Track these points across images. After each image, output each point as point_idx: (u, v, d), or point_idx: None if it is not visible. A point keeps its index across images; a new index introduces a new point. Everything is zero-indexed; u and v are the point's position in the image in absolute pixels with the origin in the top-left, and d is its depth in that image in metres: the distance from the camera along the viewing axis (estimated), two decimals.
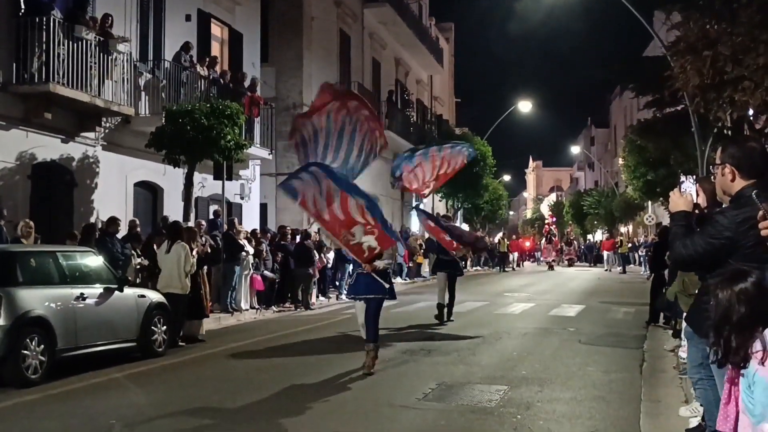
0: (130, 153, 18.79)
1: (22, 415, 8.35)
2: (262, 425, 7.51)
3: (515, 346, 12.69)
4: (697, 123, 20.63)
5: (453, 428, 7.27)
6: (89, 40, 16.33)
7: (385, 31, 37.25)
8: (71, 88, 15.83)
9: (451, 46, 56.20)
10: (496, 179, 48.33)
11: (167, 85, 19.53)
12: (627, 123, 52.67)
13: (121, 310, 11.65)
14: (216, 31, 23.46)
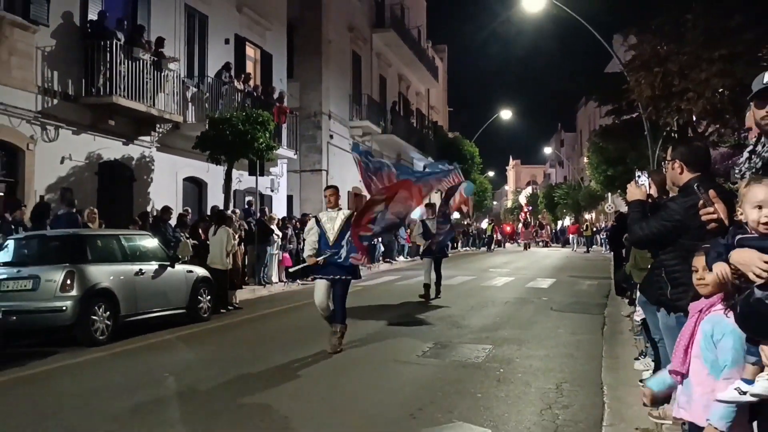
0: (180, 153, 18.78)
1: (90, 368, 8.39)
2: (287, 377, 7.52)
3: (498, 313, 12.68)
4: (649, 127, 20.60)
5: (448, 380, 7.26)
6: (145, 59, 16.32)
7: (390, 52, 37.15)
8: (131, 100, 15.82)
9: (444, 64, 56.04)
10: (482, 174, 48.18)
11: (210, 97, 19.51)
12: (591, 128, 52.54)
13: (173, 283, 11.68)
14: (250, 52, 23.41)
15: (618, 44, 24.32)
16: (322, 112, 27.80)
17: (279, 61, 25.26)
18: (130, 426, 5.68)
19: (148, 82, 16.42)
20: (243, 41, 22.58)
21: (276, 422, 5.78)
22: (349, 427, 5.59)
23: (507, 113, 48.50)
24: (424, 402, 6.31)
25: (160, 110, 16.93)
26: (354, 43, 31.82)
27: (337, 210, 9.12)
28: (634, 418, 5.68)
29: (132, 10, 17.40)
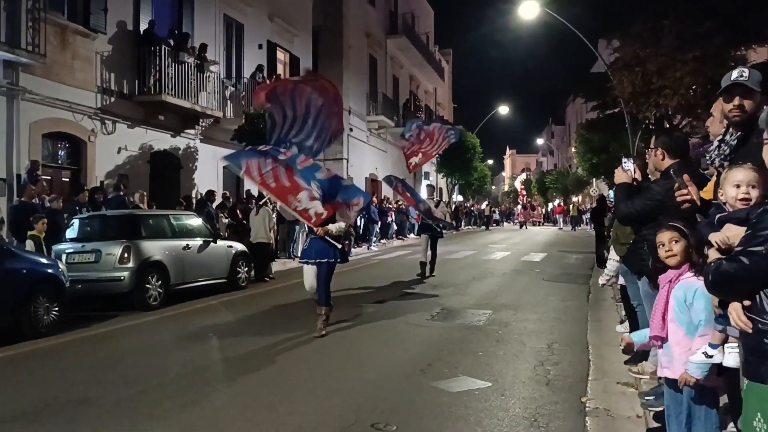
0: (220, 144, 18.76)
1: (146, 329, 8.46)
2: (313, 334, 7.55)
3: (496, 283, 12.64)
4: (629, 121, 20.38)
5: (453, 340, 7.27)
6: (190, 63, 16.29)
7: (402, 56, 36.90)
8: (177, 98, 15.82)
9: (450, 66, 55.58)
10: (483, 162, 47.85)
11: (246, 95, 19.46)
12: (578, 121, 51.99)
13: (215, 256, 11.72)
14: (280, 56, 23.32)
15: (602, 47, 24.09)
16: (343, 109, 27.70)
17: (305, 63, 25.14)
18: (181, 378, 5.73)
19: (192, 83, 16.40)
20: (274, 46, 22.49)
21: (303, 374, 5.80)
22: (367, 380, 5.61)
23: (504, 108, 48.07)
24: (433, 359, 6.32)
25: (202, 107, 16.92)
26: (371, 48, 31.63)
27: None
28: (615, 373, 5.67)
29: (178, 20, 17.37)
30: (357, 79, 29.37)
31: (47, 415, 4.68)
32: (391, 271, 14.82)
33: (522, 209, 52.58)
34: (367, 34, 30.99)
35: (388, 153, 33.84)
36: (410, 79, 39.79)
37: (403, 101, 36.05)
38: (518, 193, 78.72)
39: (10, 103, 12.24)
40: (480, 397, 5.08)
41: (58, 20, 13.33)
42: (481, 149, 42.98)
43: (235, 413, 4.74)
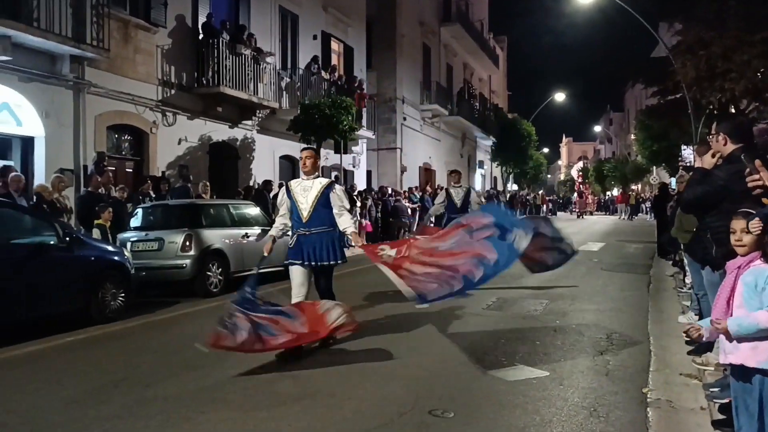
0: (276, 135, 19.08)
1: (207, 315, 8.66)
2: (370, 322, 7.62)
3: (553, 272, 12.30)
4: (692, 106, 19.77)
5: (509, 329, 7.24)
6: (246, 54, 16.57)
7: (456, 44, 36.60)
8: (235, 89, 16.12)
9: (504, 53, 54.85)
10: (538, 151, 47.17)
11: (301, 86, 19.68)
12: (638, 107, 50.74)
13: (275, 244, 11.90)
14: (334, 46, 23.47)
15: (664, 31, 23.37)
16: (397, 98, 27.71)
17: (359, 53, 25.24)
18: (242, 362, 5.88)
19: (249, 74, 16.69)
20: (328, 37, 22.64)
21: (361, 359, 5.86)
22: (424, 367, 5.64)
23: (560, 96, 47.28)
24: (489, 347, 6.32)
25: (259, 98, 17.20)
26: (424, 36, 31.48)
27: (314, 178, 6.31)
28: (678, 365, 5.55)
29: (235, 12, 17.67)
30: (410, 68, 29.31)
31: (116, 396, 4.88)
32: None
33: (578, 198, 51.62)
34: (421, 22, 30.85)
35: (441, 142, 33.72)
36: (464, 67, 39.46)
37: (456, 89, 35.80)
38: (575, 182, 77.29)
39: (77, 97, 12.72)
40: (538, 386, 5.05)
41: (121, 15, 13.74)
42: (537, 137, 42.42)
43: (295, 395, 4.85)
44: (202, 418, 4.36)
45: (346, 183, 20.70)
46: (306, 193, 6.19)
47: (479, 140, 40.99)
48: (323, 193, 6.18)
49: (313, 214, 6.14)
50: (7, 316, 6.86)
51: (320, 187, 6.21)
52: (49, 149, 12.21)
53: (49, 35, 11.53)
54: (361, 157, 25.03)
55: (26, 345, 6.60)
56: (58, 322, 7.36)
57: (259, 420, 4.34)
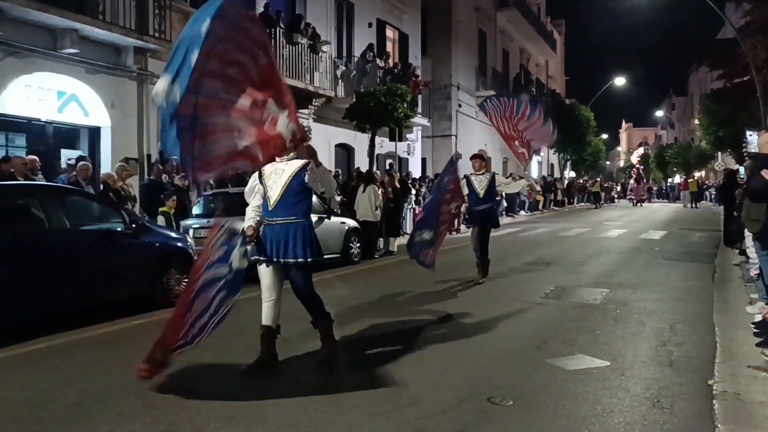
0: (332, 123, 19.21)
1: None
2: (425, 309, 7.65)
3: (613, 261, 12.25)
4: (761, 90, 18.97)
5: (568, 318, 7.15)
6: (303, 44, 16.72)
7: (512, 28, 36.06)
8: (292, 78, 16.29)
9: (562, 37, 53.75)
10: (597, 137, 46.09)
11: (356, 74, 19.76)
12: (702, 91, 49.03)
13: (330, 232, 12.02)
14: (389, 33, 23.45)
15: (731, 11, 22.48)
16: (452, 84, 27.54)
17: (414, 40, 25.15)
18: (301, 344, 5.99)
19: (305, 63, 16.85)
20: (383, 24, 22.64)
21: (419, 346, 5.90)
22: (482, 355, 5.63)
23: (620, 80, 45.90)
24: (548, 336, 6.26)
25: (315, 87, 17.35)
26: (480, 22, 31.13)
27: (288, 159, 5.23)
28: (745, 356, 5.39)
29: (291, 2, 17.83)
30: (466, 54, 29.04)
31: (182, 378, 5.03)
32: (502, 249, 14.66)
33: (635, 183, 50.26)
34: (477, 8, 30.51)
35: None
36: (521, 52, 38.88)
37: (513, 75, 35.34)
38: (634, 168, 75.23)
39: (140, 88, 13.09)
40: (598, 376, 4.98)
41: (182, 6, 14.04)
42: (595, 123, 41.49)
43: (353, 382, 4.91)
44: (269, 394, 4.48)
45: (401, 170, 20.70)
46: (277, 177, 5.16)
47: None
48: (296, 175, 5.13)
49: (280, 201, 5.11)
50: (77, 300, 7.15)
51: (294, 169, 5.16)
52: (115, 139, 12.63)
53: (114, 28, 11.89)
54: (416, 145, 25.00)
55: (97, 327, 6.87)
56: (125, 305, 7.63)
57: (318, 404, 4.42)
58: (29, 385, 4.93)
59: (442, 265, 9.50)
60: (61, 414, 4.26)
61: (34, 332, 6.45)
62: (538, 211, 31.45)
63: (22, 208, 7.04)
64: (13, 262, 6.38)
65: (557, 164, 43.78)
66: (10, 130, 11.41)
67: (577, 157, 41.70)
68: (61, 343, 6.27)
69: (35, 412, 4.30)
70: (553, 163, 45.56)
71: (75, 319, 6.94)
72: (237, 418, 4.15)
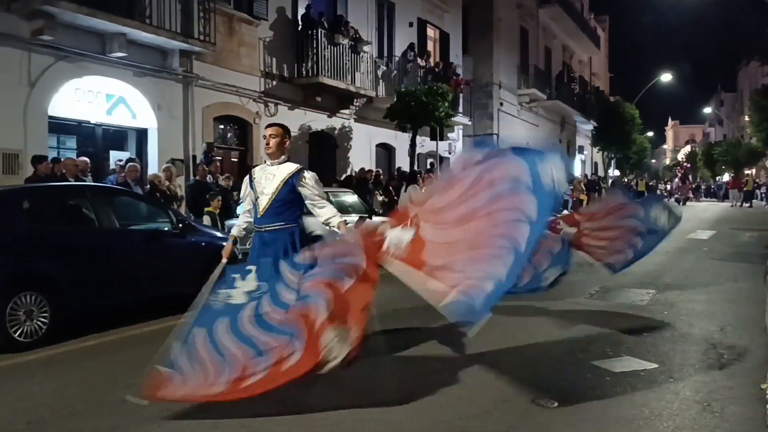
0: (373, 123, 19.28)
1: None
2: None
3: (659, 261, 11.98)
4: None
5: (614, 319, 7.03)
6: (344, 44, 16.81)
7: (555, 25, 35.61)
8: (333, 79, 16.43)
9: (606, 33, 52.83)
10: (642, 135, 45.18)
11: (397, 73, 19.78)
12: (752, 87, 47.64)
13: None
14: (430, 32, 23.40)
15: None
16: (493, 83, 27.32)
17: (455, 39, 25.05)
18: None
19: (346, 64, 16.94)
20: (424, 23, 22.60)
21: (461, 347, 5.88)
22: (525, 356, 5.60)
23: (667, 76, 44.81)
24: (593, 337, 6.17)
25: (356, 87, 17.43)
26: (522, 19, 30.83)
27: (279, 163, 5.05)
28: None
29: (333, 3, 17.94)
30: (507, 52, 28.79)
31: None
32: None
33: (680, 182, 49.07)
34: (518, 5, 30.21)
35: (539, 127, 32.98)
36: (563, 49, 38.38)
37: (555, 73, 34.89)
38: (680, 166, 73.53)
39: (186, 90, 13.35)
40: (646, 379, 4.90)
41: (226, 10, 14.27)
42: (640, 120, 40.70)
43: (396, 382, 4.93)
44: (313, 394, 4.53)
45: (442, 170, 20.63)
46: (267, 182, 4.96)
47: (579, 125, 39.77)
48: (287, 182, 4.92)
49: (270, 208, 4.92)
50: (126, 298, 7.33)
51: (285, 175, 4.95)
52: (161, 140, 12.91)
53: (160, 31, 12.15)
54: (457, 144, 24.88)
55: (144, 325, 7.04)
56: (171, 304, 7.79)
57: (362, 403, 4.44)
58: (83, 380, 5.09)
59: None
60: (112, 409, 4.38)
61: (86, 329, 6.64)
62: None
63: (74, 209, 7.26)
64: (66, 260, 6.58)
65: (601, 163, 43.09)
66: (61, 132, 11.77)
67: (622, 156, 40.98)
68: (111, 340, 6.45)
69: (89, 407, 4.43)
70: (596, 162, 44.86)
71: (124, 317, 7.12)
72: (282, 415, 4.20)
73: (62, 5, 10.47)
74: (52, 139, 11.51)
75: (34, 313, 6.21)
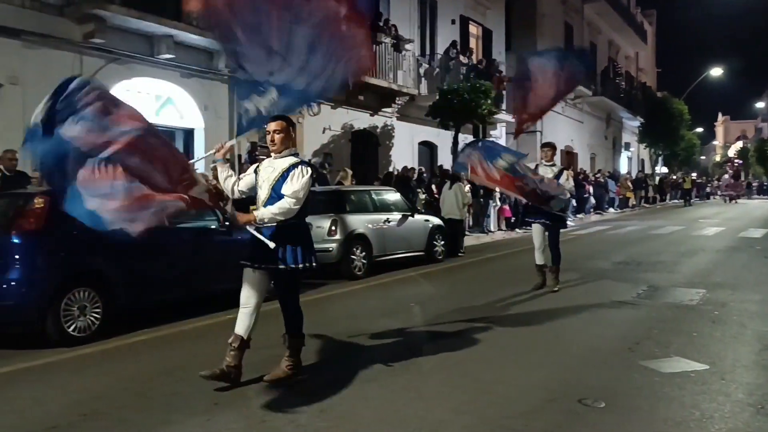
0: (415, 121, 19.26)
1: (353, 297, 9.01)
2: (511, 309, 7.55)
3: (710, 260, 11.70)
4: None
5: (662, 319, 6.89)
6: (387, 43, 16.84)
7: (600, 20, 35.01)
8: (376, 78, 16.45)
9: (653, 27, 51.66)
10: (691, 131, 44.08)
11: (439, 71, 19.72)
12: None
13: (413, 230, 12.09)
14: (473, 30, 23.27)
15: None
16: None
17: (498, 36, 24.85)
18: (390, 344, 6.06)
19: (389, 62, 16.96)
20: (467, 21, 22.50)
21: (507, 345, 5.84)
22: (571, 355, 5.52)
23: (717, 71, 43.56)
24: (641, 338, 6.05)
25: (399, 85, 17.46)
26: (566, 15, 30.42)
27: (282, 157, 4.85)
28: None
29: (375, 1, 17.97)
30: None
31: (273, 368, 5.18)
32: (590, 247, 14.32)
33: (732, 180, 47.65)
34: (563, 0, 29.81)
35: (584, 124, 32.49)
36: (609, 44, 37.71)
37: (601, 69, 34.28)
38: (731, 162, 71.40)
39: (231, 90, 13.53)
40: (696, 380, 4.78)
41: None
42: (689, 116, 39.75)
43: (441, 379, 4.92)
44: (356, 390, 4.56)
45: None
46: (267, 175, 4.83)
47: (625, 121, 39.03)
48: (282, 176, 4.73)
49: (268, 201, 4.74)
50: (175, 293, 7.50)
51: (281, 168, 4.76)
52: (208, 140, 13.13)
53: (207, 33, 12.33)
54: (500, 141, 24.68)
55: (193, 321, 7.19)
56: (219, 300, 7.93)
57: (406, 400, 4.45)
58: (134, 374, 5.22)
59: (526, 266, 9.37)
60: (163, 402, 4.48)
61: (137, 324, 6.81)
62: (628, 209, 30.45)
63: None
64: (119, 256, 6.76)
65: (648, 160, 42.19)
66: None
67: (670, 152, 40.05)
68: (161, 335, 6.60)
69: (140, 401, 4.55)
70: (643, 159, 43.96)
71: (174, 313, 7.28)
72: (328, 411, 4.24)
73: (113, 9, 10.76)
74: None
75: (87, 308, 6.40)
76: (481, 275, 10.93)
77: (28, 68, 10.14)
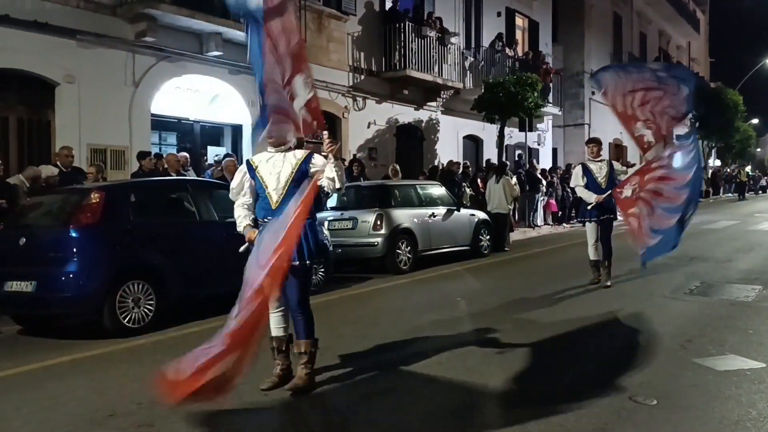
0: (460, 115, 19.17)
1: (398, 291, 9.03)
2: (558, 304, 7.46)
3: (766, 256, 11.34)
4: None
5: (716, 316, 6.72)
6: (431, 37, 16.79)
7: (650, 10, 34.21)
8: (420, 72, 16.45)
9: (706, 16, 50.18)
10: (746, 122, 42.69)
11: (485, 64, 19.57)
12: None
13: (459, 224, 12.06)
14: (519, 22, 23.00)
15: None
16: (584, 72, 26.57)
17: (545, 27, 24.52)
18: (435, 338, 6.06)
19: (433, 56, 16.91)
20: (513, 12, 22.25)
21: (550, 340, 5.79)
22: (622, 352, 5.44)
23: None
24: (693, 335, 5.92)
25: (444, 79, 17.39)
26: (615, 5, 29.82)
27: (284, 151, 4.64)
28: None
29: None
30: (600, 40, 27.94)
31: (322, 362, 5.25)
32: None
33: None
34: None
35: None
36: (660, 34, 36.84)
37: (651, 59, 33.51)
38: None
39: None
40: (753, 378, 4.66)
41: (315, 6, 14.54)
42: (744, 107, 38.49)
43: (487, 374, 4.91)
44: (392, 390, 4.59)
45: (530, 161, 20.26)
46: (276, 170, 4.56)
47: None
48: (299, 169, 4.53)
49: (285, 198, 4.44)
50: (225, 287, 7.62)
51: (295, 162, 4.56)
52: (255, 136, 13.32)
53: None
54: (547, 135, 24.39)
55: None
56: None
57: (456, 394, 4.46)
58: None
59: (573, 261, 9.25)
60: None
61: (189, 316, 6.98)
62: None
63: (177, 202, 7.63)
64: (170, 250, 6.94)
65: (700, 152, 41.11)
66: (162, 129, 12.37)
67: (723, 145, 38.91)
68: (212, 327, 6.68)
69: None
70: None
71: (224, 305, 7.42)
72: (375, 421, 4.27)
73: (163, 8, 10.99)
74: (154, 136, 12.12)
75: (141, 300, 6.60)
76: (528, 270, 10.83)
77: (83, 67, 10.44)
